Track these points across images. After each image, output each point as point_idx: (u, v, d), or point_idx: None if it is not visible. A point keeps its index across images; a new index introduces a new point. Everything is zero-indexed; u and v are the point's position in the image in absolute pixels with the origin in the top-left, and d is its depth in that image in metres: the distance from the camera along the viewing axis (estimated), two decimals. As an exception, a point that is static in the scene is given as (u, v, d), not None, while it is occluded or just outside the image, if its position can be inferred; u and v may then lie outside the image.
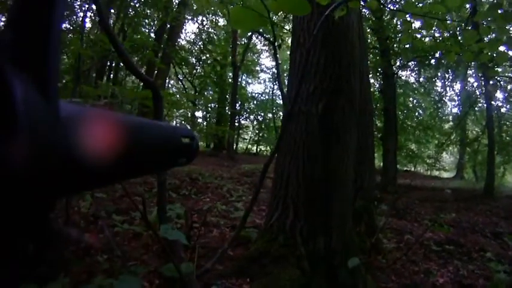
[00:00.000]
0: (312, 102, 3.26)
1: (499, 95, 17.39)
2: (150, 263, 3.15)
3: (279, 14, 11.04)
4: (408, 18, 3.12)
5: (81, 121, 0.37)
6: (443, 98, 22.81)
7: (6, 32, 0.31)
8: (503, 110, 19.73)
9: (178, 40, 19.68)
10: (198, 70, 25.85)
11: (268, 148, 29.43)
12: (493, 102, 15.44)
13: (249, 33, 19.23)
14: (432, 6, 2.96)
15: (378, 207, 7.53)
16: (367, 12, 11.94)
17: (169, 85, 26.49)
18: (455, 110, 23.83)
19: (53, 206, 0.35)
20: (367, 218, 4.36)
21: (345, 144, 3.29)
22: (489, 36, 3.67)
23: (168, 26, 14.39)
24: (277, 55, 4.05)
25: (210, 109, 28.00)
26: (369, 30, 13.50)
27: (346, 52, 3.43)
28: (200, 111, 28.24)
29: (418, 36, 12.79)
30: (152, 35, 18.23)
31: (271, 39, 3.50)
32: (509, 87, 17.45)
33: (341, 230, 3.21)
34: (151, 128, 0.55)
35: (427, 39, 12.92)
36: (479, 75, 15.97)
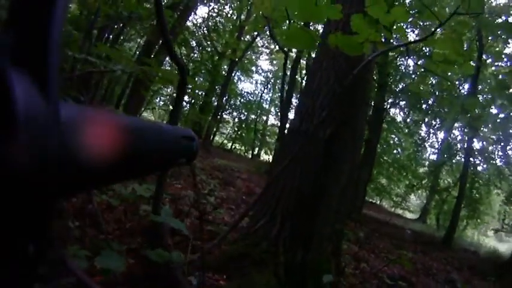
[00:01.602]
0: (322, 126, 3.40)
1: (478, 153, 17.85)
2: (123, 240, 3.11)
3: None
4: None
5: (81, 122, 0.37)
6: (425, 143, 23.25)
7: (6, 31, 0.31)
8: (479, 168, 20.23)
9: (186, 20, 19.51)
10: (196, 55, 25.69)
11: (243, 148, 29.41)
12: (471, 159, 15.84)
13: (255, 33, 19.23)
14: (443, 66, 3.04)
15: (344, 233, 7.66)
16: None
17: (164, 61, 26.24)
18: (433, 157, 24.32)
19: (53, 207, 0.35)
20: (335, 240, 4.46)
21: (340, 172, 3.48)
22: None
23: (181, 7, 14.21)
24: (287, 65, 4.12)
25: (196, 95, 27.92)
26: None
27: (360, 89, 3.63)
28: (186, 95, 28.09)
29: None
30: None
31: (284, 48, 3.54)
32: (490, 148, 17.91)
33: (318, 248, 3.37)
34: (152, 129, 0.56)
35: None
36: (465, 130, 16.38)
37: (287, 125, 10.83)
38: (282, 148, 3.65)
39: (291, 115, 11.38)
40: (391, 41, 2.60)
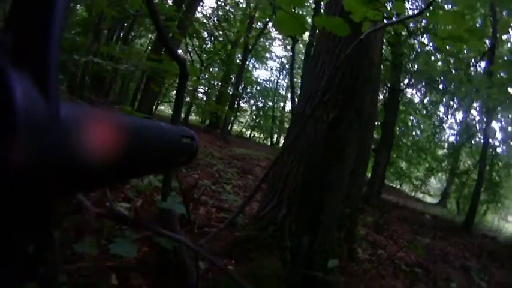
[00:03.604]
0: (324, 110, 3.41)
1: (498, 134, 17.46)
2: (138, 229, 3.18)
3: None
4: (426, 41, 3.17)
5: (81, 121, 0.37)
6: (443, 124, 22.93)
7: (5, 31, 0.31)
8: (499, 149, 19.87)
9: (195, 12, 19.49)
10: (208, 45, 25.71)
11: (261, 135, 29.41)
12: (490, 141, 15.53)
13: (266, 20, 19.14)
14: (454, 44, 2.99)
15: (360, 218, 7.64)
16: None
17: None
18: (452, 139, 23.87)
19: (53, 207, 0.35)
20: (349, 225, 4.46)
21: (346, 155, 3.46)
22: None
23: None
24: (294, 51, 4.09)
25: (212, 86, 27.95)
26: (385, 41, 13.49)
27: (364, 69, 3.59)
28: (202, 87, 28.21)
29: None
30: (169, 1, 18.07)
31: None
32: (510, 128, 17.54)
33: (326, 234, 3.39)
34: (152, 128, 0.55)
35: (439, 63, 12.96)
36: (483, 110, 16.03)
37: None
38: (288, 133, 3.71)
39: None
40: (394, 19, 2.54)
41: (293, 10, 1.96)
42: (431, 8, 2.52)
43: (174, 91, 28.30)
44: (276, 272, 2.95)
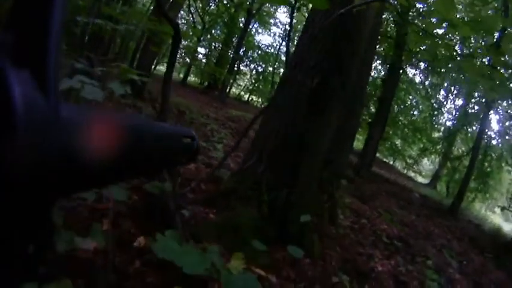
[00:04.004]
0: (309, 75, 3.53)
1: (495, 126, 17.49)
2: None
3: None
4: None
5: (81, 121, 0.37)
6: (442, 108, 22.96)
7: (6, 31, 0.31)
8: (493, 141, 19.97)
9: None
10: (212, 7, 25.37)
11: (260, 100, 29.32)
12: (487, 131, 15.60)
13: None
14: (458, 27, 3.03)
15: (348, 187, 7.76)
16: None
17: (179, 15, 25.94)
18: (449, 124, 24.03)
19: (53, 207, 0.36)
20: (330, 190, 4.62)
21: (327, 120, 3.63)
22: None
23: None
24: (292, 18, 4.18)
25: (213, 48, 27.65)
26: (391, 18, 13.38)
27: (353, 42, 3.71)
28: (203, 48, 27.91)
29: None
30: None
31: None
32: (507, 123, 17.58)
33: (303, 191, 3.57)
34: (152, 128, 0.55)
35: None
36: (483, 100, 16.03)
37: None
38: (274, 95, 3.86)
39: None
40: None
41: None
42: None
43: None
44: (253, 221, 3.14)
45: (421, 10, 10.93)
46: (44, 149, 0.30)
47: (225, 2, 24.06)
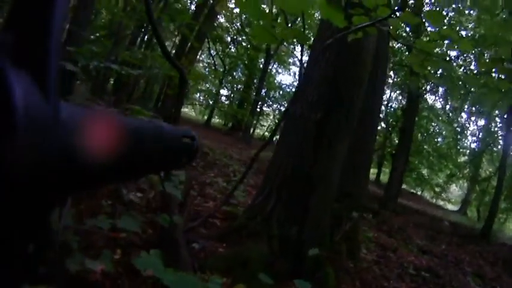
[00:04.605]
0: (313, 109, 3.63)
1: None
2: (147, 214, 3.47)
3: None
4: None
5: (81, 122, 0.38)
6: (465, 131, 22.67)
7: (6, 31, 0.31)
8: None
9: (217, 17, 19.79)
10: (232, 50, 26.03)
11: (284, 140, 29.34)
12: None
13: (289, 25, 19.24)
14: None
15: (368, 219, 7.66)
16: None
17: (201, 58, 26.68)
18: (473, 146, 23.57)
19: (53, 206, 0.37)
20: (347, 223, 4.56)
21: (335, 151, 3.67)
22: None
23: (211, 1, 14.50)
24: (302, 56, 4.32)
25: (235, 90, 28.19)
26: (404, 47, 13.51)
27: (355, 71, 3.79)
28: (225, 90, 28.49)
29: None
30: (193, 7, 18.39)
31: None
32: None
33: (315, 225, 3.58)
34: (152, 128, 0.55)
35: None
36: (504, 116, 15.78)
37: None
38: (282, 133, 3.96)
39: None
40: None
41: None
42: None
43: (197, 94, 28.79)
44: (263, 256, 3.15)
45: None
46: (44, 149, 0.31)
47: (243, 44, 24.65)
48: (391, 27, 2.73)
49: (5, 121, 0.26)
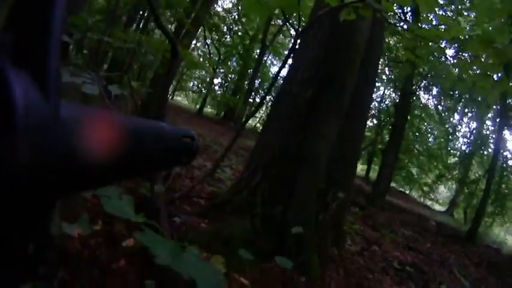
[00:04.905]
0: (304, 86, 3.58)
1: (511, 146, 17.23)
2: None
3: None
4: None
5: (81, 121, 0.38)
6: (457, 132, 22.81)
7: (6, 31, 0.31)
8: (510, 162, 19.62)
9: (215, 5, 19.71)
10: (227, 39, 25.96)
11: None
12: (502, 151, 15.36)
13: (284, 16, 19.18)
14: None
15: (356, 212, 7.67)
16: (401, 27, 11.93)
17: (196, 46, 26.59)
18: (464, 147, 23.71)
19: (53, 206, 0.36)
20: (333, 209, 4.51)
21: (323, 131, 3.61)
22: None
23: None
24: (296, 41, 4.30)
25: (229, 79, 28.14)
26: (400, 45, 13.50)
27: (347, 53, 3.75)
28: (219, 79, 28.43)
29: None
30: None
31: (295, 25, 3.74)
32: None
33: (300, 207, 3.51)
34: (151, 128, 0.56)
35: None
36: (497, 120, 15.87)
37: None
38: (272, 110, 3.93)
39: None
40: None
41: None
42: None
43: (190, 83, 28.72)
44: (245, 234, 3.10)
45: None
46: (44, 149, 0.30)
47: (239, 34, 24.60)
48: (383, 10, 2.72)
49: (5, 121, 0.26)
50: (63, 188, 0.37)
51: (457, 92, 16.33)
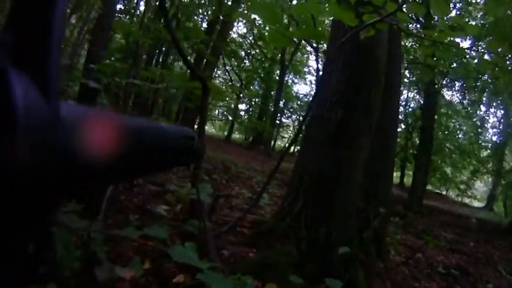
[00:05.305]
0: (333, 110, 3.71)
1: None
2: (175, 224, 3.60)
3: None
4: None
5: (81, 122, 0.38)
6: (485, 124, 22.43)
7: (6, 31, 0.31)
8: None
9: (230, 33, 20.06)
10: (247, 64, 26.27)
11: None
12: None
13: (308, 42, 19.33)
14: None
15: (395, 221, 7.63)
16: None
17: (216, 75, 26.95)
18: (495, 138, 23.31)
19: (53, 206, 0.37)
20: (375, 224, 4.59)
21: (356, 150, 3.73)
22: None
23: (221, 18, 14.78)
24: (319, 63, 4.43)
25: (253, 103, 28.40)
26: (417, 45, 13.46)
27: (370, 69, 3.86)
28: (243, 104, 28.71)
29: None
30: (205, 24, 18.74)
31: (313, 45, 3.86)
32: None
33: (341, 226, 3.62)
34: (152, 128, 0.56)
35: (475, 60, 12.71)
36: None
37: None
38: (305, 136, 4.10)
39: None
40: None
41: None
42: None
43: (216, 111, 29.05)
44: (292, 258, 3.20)
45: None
46: (44, 149, 0.30)
47: (258, 57, 24.86)
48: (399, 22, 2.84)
49: (5, 121, 0.26)
50: (63, 188, 0.38)
51: (479, 84, 16.06)
